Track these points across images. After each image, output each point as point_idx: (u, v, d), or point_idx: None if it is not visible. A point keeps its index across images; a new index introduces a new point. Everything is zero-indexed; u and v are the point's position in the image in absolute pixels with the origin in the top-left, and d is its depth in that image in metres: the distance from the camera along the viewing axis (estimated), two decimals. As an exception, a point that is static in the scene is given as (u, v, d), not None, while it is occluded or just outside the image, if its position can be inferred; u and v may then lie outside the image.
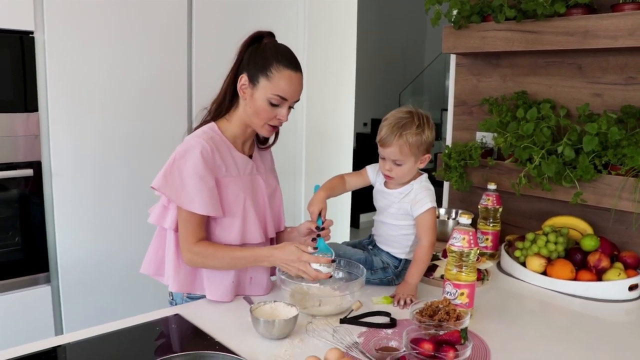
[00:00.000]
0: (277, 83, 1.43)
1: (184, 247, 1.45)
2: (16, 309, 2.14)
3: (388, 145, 1.51)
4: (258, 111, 1.46)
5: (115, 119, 2.30)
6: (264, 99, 1.44)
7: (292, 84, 1.45)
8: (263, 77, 1.43)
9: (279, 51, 1.46)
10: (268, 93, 1.43)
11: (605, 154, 1.69)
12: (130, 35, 2.30)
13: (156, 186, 1.43)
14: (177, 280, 1.49)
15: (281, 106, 1.46)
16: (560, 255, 1.70)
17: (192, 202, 1.41)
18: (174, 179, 1.42)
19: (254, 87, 1.45)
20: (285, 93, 1.44)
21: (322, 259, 1.41)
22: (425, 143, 1.52)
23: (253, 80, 1.45)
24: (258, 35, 1.50)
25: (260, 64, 1.44)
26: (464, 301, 1.39)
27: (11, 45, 2.02)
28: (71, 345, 1.25)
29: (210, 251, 1.45)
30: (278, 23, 2.80)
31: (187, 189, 1.41)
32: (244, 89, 1.47)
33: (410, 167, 1.54)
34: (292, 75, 1.44)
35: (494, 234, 1.93)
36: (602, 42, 1.68)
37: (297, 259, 1.40)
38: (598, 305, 1.57)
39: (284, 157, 2.98)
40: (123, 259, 2.36)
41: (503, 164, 1.97)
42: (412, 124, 1.50)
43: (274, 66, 1.42)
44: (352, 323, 1.37)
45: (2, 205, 2.13)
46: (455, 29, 2.01)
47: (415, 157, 1.52)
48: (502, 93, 2.08)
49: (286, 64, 1.44)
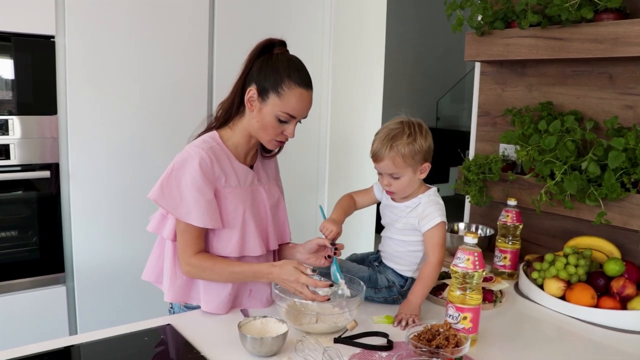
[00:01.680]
0: (288, 101, 1.38)
1: (182, 258, 1.42)
2: (32, 307, 2.18)
3: (381, 159, 1.45)
4: (265, 127, 1.41)
5: (133, 122, 2.31)
6: (273, 115, 1.39)
7: (302, 102, 1.40)
8: (274, 93, 1.38)
9: (292, 66, 1.40)
10: (277, 110, 1.39)
11: (634, 172, 1.56)
12: (150, 39, 2.31)
13: (153, 197, 1.40)
14: (172, 290, 1.46)
15: (289, 123, 1.42)
16: (581, 279, 1.58)
17: (190, 214, 1.37)
18: (171, 190, 1.39)
19: (263, 102, 1.40)
20: (295, 111, 1.39)
21: (320, 283, 1.35)
22: (420, 152, 1.45)
23: (263, 94, 1.40)
24: (269, 44, 1.44)
25: (272, 78, 1.38)
26: (467, 326, 1.30)
27: (33, 50, 2.06)
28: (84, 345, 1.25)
29: (208, 264, 1.41)
30: (302, 27, 2.77)
31: (185, 200, 1.38)
32: (251, 102, 1.42)
33: (409, 179, 1.47)
34: (303, 93, 1.39)
35: (513, 253, 1.82)
36: (635, 49, 1.55)
37: (295, 280, 1.35)
38: (621, 336, 1.44)
39: (306, 169, 2.94)
40: (137, 261, 2.33)
41: (524, 179, 1.85)
42: (403, 134, 1.43)
43: (285, 83, 1.37)
44: (347, 343, 1.30)
45: (21, 206, 2.17)
46: (477, 35, 1.91)
47: (413, 168, 1.45)
48: (528, 103, 1.97)
49: (298, 81, 1.38)
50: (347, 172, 3.12)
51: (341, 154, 3.06)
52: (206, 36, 2.46)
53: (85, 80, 2.18)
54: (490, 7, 1.86)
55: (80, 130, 2.19)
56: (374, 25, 3.11)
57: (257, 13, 2.59)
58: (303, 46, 2.78)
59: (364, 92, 3.14)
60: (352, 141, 3.11)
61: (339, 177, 3.07)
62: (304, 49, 2.74)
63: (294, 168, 2.86)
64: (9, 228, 2.16)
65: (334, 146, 3.02)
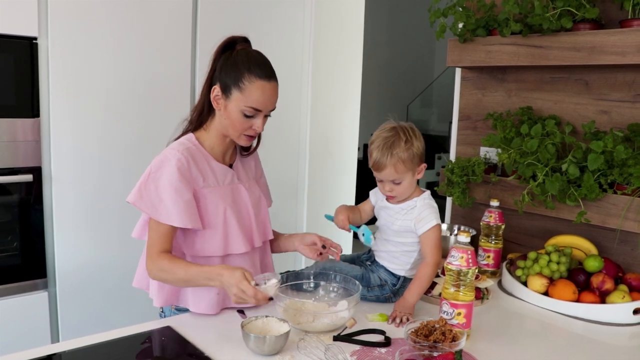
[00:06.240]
0: (250, 95, 1.39)
1: (148, 256, 1.40)
2: (13, 314, 2.12)
3: (383, 167, 1.48)
4: (233, 123, 1.42)
5: (116, 125, 2.29)
6: (238, 110, 1.40)
7: (265, 95, 1.40)
8: (235, 88, 1.39)
9: (251, 60, 1.40)
10: (241, 105, 1.39)
11: (611, 173, 1.65)
12: (133, 42, 2.29)
13: (131, 201, 1.40)
14: (161, 296, 1.46)
15: (256, 117, 1.42)
16: (562, 275, 1.66)
17: (170, 215, 1.37)
18: (150, 192, 1.39)
19: (227, 99, 1.41)
20: (259, 104, 1.40)
21: (260, 294, 1.30)
22: (417, 154, 1.50)
23: (225, 91, 1.41)
24: (231, 41, 1.45)
25: (232, 74, 1.39)
26: (461, 321, 1.35)
27: (15, 51, 2.02)
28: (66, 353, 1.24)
29: (165, 264, 1.37)
30: (283, 30, 2.80)
31: (164, 202, 1.37)
32: (217, 100, 1.43)
33: (409, 182, 1.52)
34: (265, 85, 1.39)
35: (496, 252, 1.89)
36: (610, 58, 1.64)
37: (235, 284, 1.29)
38: (601, 329, 1.52)
39: (285, 173, 2.96)
40: (121, 267, 2.33)
41: (506, 181, 1.93)
42: (400, 140, 1.47)
43: (245, 77, 1.38)
44: (346, 340, 1.33)
45: (2, 210, 2.12)
46: (460, 42, 1.98)
47: (412, 171, 1.51)
48: (507, 108, 2.05)
49: (258, 73, 1.39)
50: (326, 177, 3.15)
51: (321, 159, 3.10)
52: (189, 38, 2.46)
53: (68, 82, 2.15)
54: (472, 15, 1.93)
55: (62, 133, 2.15)
56: (352, 31, 3.17)
57: (239, 17, 2.60)
58: (284, 50, 2.81)
59: (342, 97, 3.19)
60: (332, 146, 3.16)
61: (319, 182, 3.10)
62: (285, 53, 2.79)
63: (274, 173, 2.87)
64: (-12, 233, 2.11)
65: (314, 151, 3.05)
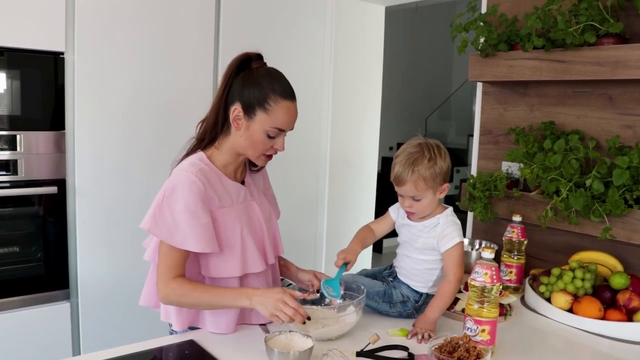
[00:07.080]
0: (276, 116, 1.37)
1: (161, 282, 1.36)
2: (35, 324, 2.15)
3: (403, 183, 1.48)
4: (255, 143, 1.40)
5: (139, 138, 2.33)
6: (262, 131, 1.38)
7: (290, 115, 1.39)
8: (260, 109, 1.36)
9: (274, 80, 1.38)
10: (266, 126, 1.37)
11: (637, 189, 1.63)
12: (157, 57, 2.33)
13: (146, 227, 1.36)
14: (180, 320, 1.43)
15: (278, 137, 1.41)
16: (587, 292, 1.63)
17: (186, 241, 1.33)
18: (165, 218, 1.34)
19: (250, 120, 1.37)
20: (284, 125, 1.39)
21: (301, 310, 1.32)
22: (440, 174, 1.48)
23: (249, 112, 1.37)
24: (246, 59, 1.41)
25: (256, 95, 1.36)
26: (485, 338, 1.34)
27: (42, 66, 2.07)
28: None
29: (187, 291, 1.35)
30: (304, 45, 2.82)
31: (180, 228, 1.33)
32: (237, 121, 1.39)
33: (430, 200, 1.51)
34: (289, 105, 1.38)
35: (518, 267, 1.87)
36: (635, 72, 1.63)
37: (279, 299, 1.31)
38: (628, 347, 1.49)
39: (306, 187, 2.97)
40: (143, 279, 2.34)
41: (529, 196, 1.92)
42: (424, 158, 1.46)
43: (271, 97, 1.35)
44: (369, 356, 1.33)
45: (27, 221, 2.16)
46: (482, 57, 1.98)
47: (433, 190, 1.49)
48: (529, 123, 2.04)
49: (283, 94, 1.37)
50: (347, 191, 3.15)
51: (341, 173, 3.10)
52: (212, 53, 2.50)
53: (93, 96, 2.19)
54: (494, 29, 1.93)
55: (87, 146, 2.20)
56: (372, 45, 3.18)
57: (261, 32, 2.63)
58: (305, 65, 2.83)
59: (362, 111, 3.20)
60: (351, 160, 3.16)
61: (339, 196, 3.10)
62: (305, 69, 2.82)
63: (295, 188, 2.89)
64: (13, 244, 2.14)
65: (334, 165, 3.06)
